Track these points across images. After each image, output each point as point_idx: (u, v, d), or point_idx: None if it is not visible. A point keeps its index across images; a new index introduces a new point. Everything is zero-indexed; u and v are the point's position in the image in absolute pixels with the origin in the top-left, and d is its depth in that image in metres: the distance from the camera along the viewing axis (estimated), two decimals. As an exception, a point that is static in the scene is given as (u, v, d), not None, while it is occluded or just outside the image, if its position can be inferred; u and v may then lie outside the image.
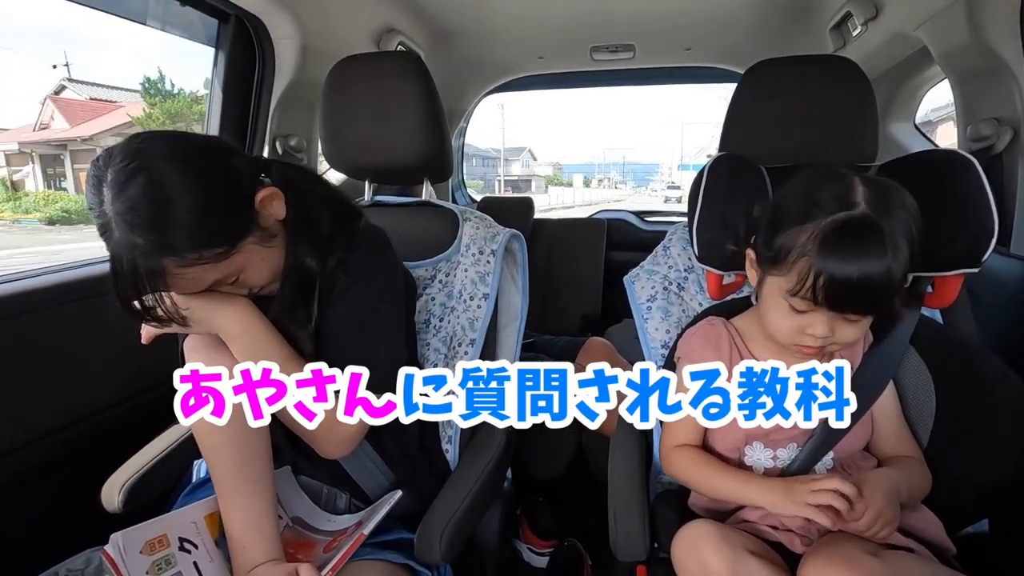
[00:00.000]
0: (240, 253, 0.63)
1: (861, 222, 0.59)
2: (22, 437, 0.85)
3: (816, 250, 0.60)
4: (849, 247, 0.59)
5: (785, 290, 0.64)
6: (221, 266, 0.61)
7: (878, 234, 0.58)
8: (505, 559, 1.29)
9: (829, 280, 0.59)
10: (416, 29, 1.72)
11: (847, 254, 0.59)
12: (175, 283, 0.59)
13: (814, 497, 0.60)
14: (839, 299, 0.61)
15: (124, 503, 0.77)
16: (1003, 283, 0.96)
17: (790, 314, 0.66)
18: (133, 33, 16.78)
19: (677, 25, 1.77)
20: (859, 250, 0.59)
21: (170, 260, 0.57)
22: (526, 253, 1.03)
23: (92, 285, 0.97)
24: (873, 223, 0.59)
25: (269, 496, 0.69)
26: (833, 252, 0.59)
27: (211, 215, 0.58)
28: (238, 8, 1.21)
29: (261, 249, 0.66)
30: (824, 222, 0.60)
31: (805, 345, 0.67)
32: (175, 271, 0.58)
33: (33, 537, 0.86)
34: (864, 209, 0.60)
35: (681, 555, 0.66)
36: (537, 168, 40.81)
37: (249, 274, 0.66)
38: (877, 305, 0.62)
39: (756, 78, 0.93)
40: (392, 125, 0.98)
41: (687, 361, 0.77)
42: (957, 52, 1.17)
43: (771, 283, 0.68)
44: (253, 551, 0.66)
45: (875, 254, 0.58)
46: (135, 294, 0.57)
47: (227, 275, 0.64)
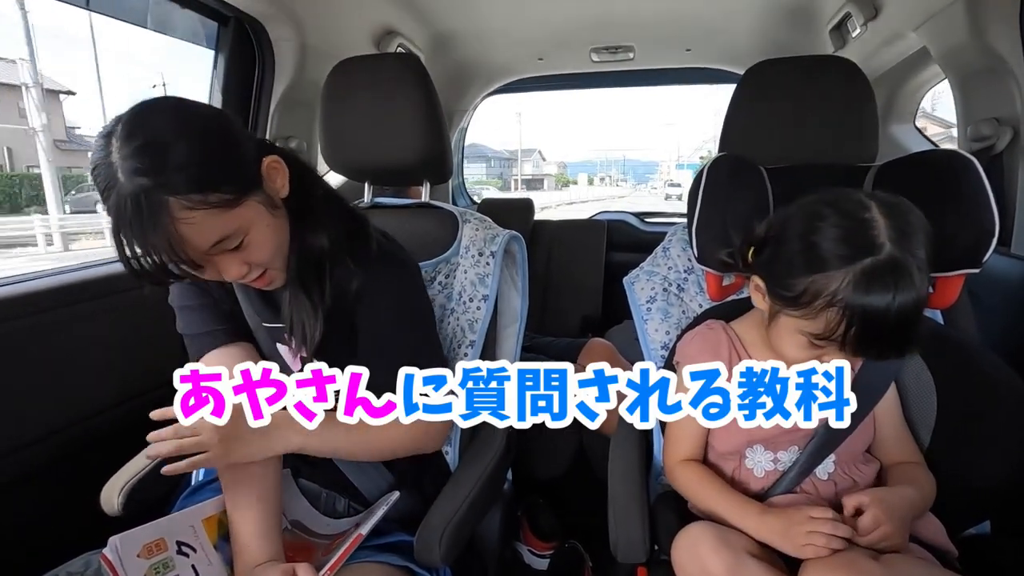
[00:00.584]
0: (246, 208, 0.61)
1: (891, 266, 0.57)
2: (21, 439, 0.85)
3: (847, 299, 0.58)
4: (882, 293, 0.57)
5: (810, 332, 0.62)
6: (227, 218, 0.60)
7: (907, 273, 0.57)
8: (506, 561, 1.29)
9: (863, 328, 0.58)
10: (416, 31, 1.72)
11: (880, 299, 0.57)
12: (181, 230, 0.56)
13: (811, 539, 0.60)
14: (875, 343, 0.60)
15: (123, 506, 0.77)
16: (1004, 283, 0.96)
17: (808, 348, 0.64)
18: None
19: (677, 26, 1.77)
20: (891, 293, 0.57)
21: (175, 200, 0.55)
22: (526, 255, 1.03)
23: (92, 288, 0.97)
24: (901, 264, 0.57)
25: (276, 500, 0.70)
26: (866, 301, 0.57)
27: (216, 160, 0.59)
28: (238, 11, 1.22)
29: (267, 215, 0.65)
30: (853, 271, 0.58)
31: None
32: (180, 214, 0.56)
33: (32, 540, 0.86)
34: (890, 250, 0.57)
35: (681, 557, 0.66)
36: (545, 167, 41.65)
37: (254, 239, 0.63)
38: (910, 343, 0.61)
39: (755, 79, 0.93)
40: (392, 127, 0.98)
41: (686, 365, 0.76)
42: (957, 52, 1.16)
43: (786, 319, 0.66)
44: (256, 553, 0.66)
45: (906, 290, 0.57)
46: (141, 241, 0.56)
47: (233, 232, 0.61)
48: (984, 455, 0.73)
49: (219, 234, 0.60)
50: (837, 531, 0.60)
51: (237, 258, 0.64)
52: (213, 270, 0.64)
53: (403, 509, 0.77)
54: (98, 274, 0.99)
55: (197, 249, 0.59)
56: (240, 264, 0.64)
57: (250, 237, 0.63)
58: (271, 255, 0.67)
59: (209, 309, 0.78)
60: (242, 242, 0.63)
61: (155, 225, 0.55)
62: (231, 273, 0.64)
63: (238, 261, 0.64)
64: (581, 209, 14.05)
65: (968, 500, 0.73)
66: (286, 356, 0.79)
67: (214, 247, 0.60)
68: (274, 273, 0.70)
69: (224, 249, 0.62)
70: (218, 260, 0.63)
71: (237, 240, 0.62)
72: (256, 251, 0.65)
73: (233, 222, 0.61)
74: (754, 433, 0.73)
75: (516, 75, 2.25)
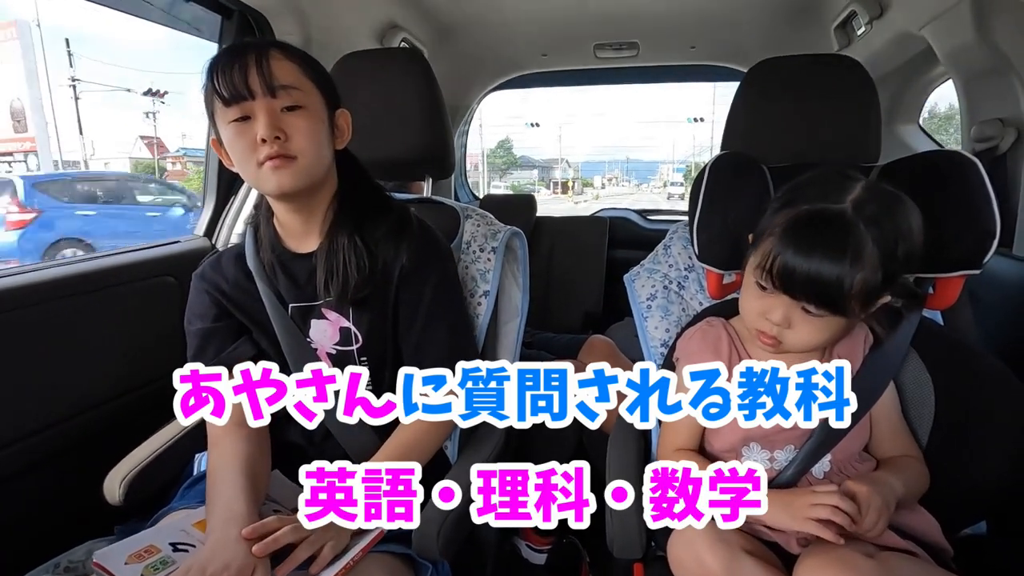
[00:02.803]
0: (310, 96, 0.73)
1: (830, 218, 0.60)
2: (25, 428, 0.86)
3: (780, 232, 0.62)
4: (806, 238, 0.60)
5: (755, 267, 0.66)
6: (297, 85, 0.71)
7: (842, 234, 0.59)
8: (504, 555, 1.29)
9: (782, 264, 0.61)
10: (419, 25, 1.71)
11: (802, 245, 0.60)
12: (270, 60, 0.70)
13: (814, 511, 0.60)
14: (788, 284, 0.62)
15: (125, 496, 0.78)
16: (1004, 285, 0.96)
17: (757, 294, 0.67)
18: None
19: (681, 23, 1.76)
20: (815, 245, 0.59)
21: (276, 49, 0.72)
22: (527, 251, 1.03)
23: (96, 279, 0.97)
24: (842, 222, 0.59)
25: (254, 494, 0.70)
26: (791, 238, 0.61)
27: (318, 66, 0.76)
28: (242, 4, 1.21)
29: (323, 129, 0.75)
30: (800, 210, 0.61)
31: (763, 332, 0.68)
32: (276, 53, 0.71)
33: (35, 528, 0.87)
34: (844, 207, 0.60)
35: (678, 554, 0.66)
36: (568, 172, 44.98)
37: (304, 121, 0.71)
38: (828, 304, 0.62)
39: (759, 77, 0.93)
40: (394, 121, 0.98)
41: (686, 363, 0.77)
42: (962, 52, 1.16)
43: (748, 272, 0.69)
44: (234, 509, 0.67)
45: (830, 254, 0.59)
46: (242, 59, 0.68)
47: (292, 101, 0.71)
48: (982, 456, 0.73)
49: (290, 79, 0.71)
50: (841, 504, 0.60)
51: (281, 120, 0.70)
52: (260, 113, 0.69)
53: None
54: (99, 266, 0.99)
55: (275, 79, 0.69)
56: (276, 127, 0.69)
57: (304, 113, 0.72)
58: (303, 147, 0.72)
59: (222, 331, 0.81)
60: (297, 109, 0.71)
61: (257, 47, 0.71)
62: (268, 123, 0.69)
63: (278, 123, 0.70)
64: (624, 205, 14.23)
65: (965, 500, 0.74)
66: (322, 333, 0.80)
67: (282, 89, 0.70)
68: (292, 169, 0.71)
69: (284, 104, 0.70)
70: (269, 107, 0.69)
71: (296, 98, 0.71)
72: (298, 131, 0.71)
73: (299, 94, 0.71)
74: (750, 431, 0.73)
75: (519, 71, 2.25)
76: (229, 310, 0.81)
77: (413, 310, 0.80)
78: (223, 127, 0.72)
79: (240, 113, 0.69)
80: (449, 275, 0.85)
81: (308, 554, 0.62)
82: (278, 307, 0.79)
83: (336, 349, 0.80)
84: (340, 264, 0.76)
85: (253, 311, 0.81)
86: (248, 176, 0.73)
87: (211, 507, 0.68)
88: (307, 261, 0.79)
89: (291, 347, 0.79)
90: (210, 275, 0.83)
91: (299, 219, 0.79)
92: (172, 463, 0.86)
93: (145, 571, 0.60)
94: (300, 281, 0.80)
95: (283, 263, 0.80)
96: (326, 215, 0.79)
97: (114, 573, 0.59)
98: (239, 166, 0.73)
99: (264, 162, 0.69)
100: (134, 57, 53.16)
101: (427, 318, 0.80)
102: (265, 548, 0.61)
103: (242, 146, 0.70)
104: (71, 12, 38.34)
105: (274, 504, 0.76)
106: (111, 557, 0.60)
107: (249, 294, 0.81)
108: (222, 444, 0.74)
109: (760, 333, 0.69)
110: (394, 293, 0.80)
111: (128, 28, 62.00)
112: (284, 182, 0.71)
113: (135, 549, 0.63)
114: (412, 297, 0.80)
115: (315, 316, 0.80)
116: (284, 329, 0.79)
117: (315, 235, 0.79)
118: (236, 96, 0.68)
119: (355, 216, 0.79)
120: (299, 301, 0.80)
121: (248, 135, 0.69)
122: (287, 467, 0.81)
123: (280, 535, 0.61)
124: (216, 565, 0.58)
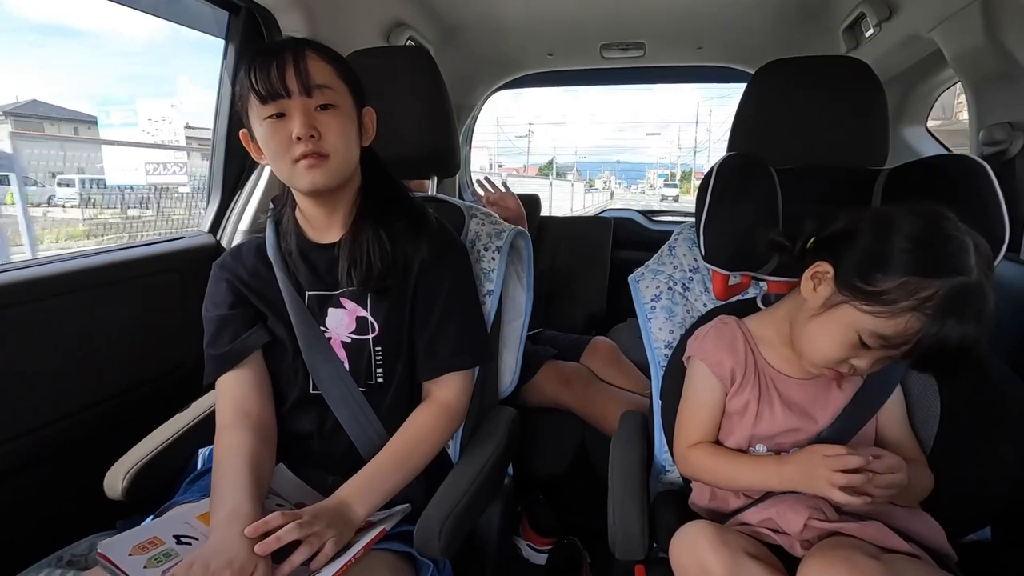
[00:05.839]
0: (341, 96, 0.75)
1: (972, 290, 0.57)
2: (29, 423, 0.86)
3: (934, 312, 0.57)
4: (968, 316, 0.57)
5: (875, 332, 0.61)
6: (331, 85, 0.73)
7: (983, 303, 0.57)
8: (505, 555, 1.29)
9: (936, 342, 0.58)
10: (426, 24, 1.71)
11: (966, 320, 0.57)
12: (306, 59, 0.72)
13: (839, 478, 0.61)
14: (931, 359, 0.60)
15: (127, 490, 0.78)
16: (1012, 291, 0.95)
17: (848, 347, 0.64)
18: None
19: (688, 24, 1.75)
20: (975, 318, 0.57)
21: (311, 49, 0.74)
22: (531, 251, 1.03)
23: (99, 274, 0.98)
24: (982, 292, 0.57)
25: (258, 490, 0.70)
26: (955, 317, 0.57)
27: (349, 67, 0.78)
28: (249, 0, 1.22)
29: (351, 126, 0.76)
30: (951, 284, 0.57)
31: (837, 371, 0.66)
32: (311, 53, 0.73)
33: (37, 522, 0.87)
34: (977, 276, 0.57)
35: (679, 556, 0.66)
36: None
37: (336, 120, 0.73)
38: (960, 368, 0.60)
39: (766, 78, 0.92)
40: (400, 119, 0.98)
41: (702, 360, 0.76)
42: (971, 55, 1.15)
43: (849, 312, 0.63)
44: (236, 503, 0.67)
45: (978, 327, 0.57)
46: (281, 60, 0.70)
47: (326, 100, 0.73)
48: (987, 463, 0.72)
49: (322, 90, 0.72)
50: (851, 461, 0.61)
51: (315, 118, 0.72)
52: (296, 112, 0.71)
53: (404, 497, 0.78)
54: (102, 262, 0.99)
55: (311, 79, 0.71)
56: (311, 125, 0.71)
57: (337, 112, 0.74)
58: (336, 145, 0.74)
59: (238, 318, 0.82)
60: (330, 108, 0.73)
61: (295, 44, 0.73)
62: (304, 122, 0.71)
63: (312, 121, 0.72)
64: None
65: (969, 506, 0.73)
66: (339, 322, 0.81)
67: (317, 88, 0.72)
68: (325, 167, 0.74)
69: (318, 103, 0.72)
70: (304, 106, 0.71)
71: (329, 97, 0.73)
72: (331, 130, 0.73)
73: (331, 92, 0.73)
74: (757, 432, 0.73)
75: (525, 70, 2.24)
76: (246, 298, 0.83)
77: (430, 303, 0.82)
78: (257, 123, 0.74)
79: (276, 110, 0.71)
80: (466, 271, 0.88)
81: (306, 556, 0.62)
82: (294, 295, 0.81)
83: (351, 338, 0.81)
84: (364, 253, 0.78)
85: (270, 298, 0.82)
86: (282, 172, 0.75)
87: (215, 502, 0.69)
88: (328, 251, 0.81)
89: (305, 334, 0.80)
90: (229, 264, 0.85)
91: (324, 212, 0.81)
92: (175, 459, 0.87)
93: (148, 562, 0.61)
94: (320, 271, 0.82)
95: (304, 253, 0.82)
96: (350, 209, 0.82)
97: (118, 564, 0.59)
98: (273, 162, 0.75)
99: (299, 160, 0.72)
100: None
101: (443, 312, 0.82)
102: (266, 547, 0.61)
103: (276, 142, 0.72)
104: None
105: (277, 498, 0.76)
106: (115, 548, 0.61)
107: (267, 282, 0.83)
108: (228, 435, 0.75)
109: (832, 369, 0.67)
110: (413, 285, 0.82)
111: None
112: (318, 180, 0.73)
113: (139, 540, 0.63)
114: (430, 290, 0.82)
115: (332, 305, 0.82)
116: (299, 316, 0.81)
117: (338, 227, 0.82)
118: (273, 94, 0.70)
119: (377, 210, 0.81)
120: (317, 289, 0.82)
121: (283, 132, 0.71)
122: (293, 458, 0.82)
123: (282, 534, 0.61)
124: (218, 562, 0.58)
